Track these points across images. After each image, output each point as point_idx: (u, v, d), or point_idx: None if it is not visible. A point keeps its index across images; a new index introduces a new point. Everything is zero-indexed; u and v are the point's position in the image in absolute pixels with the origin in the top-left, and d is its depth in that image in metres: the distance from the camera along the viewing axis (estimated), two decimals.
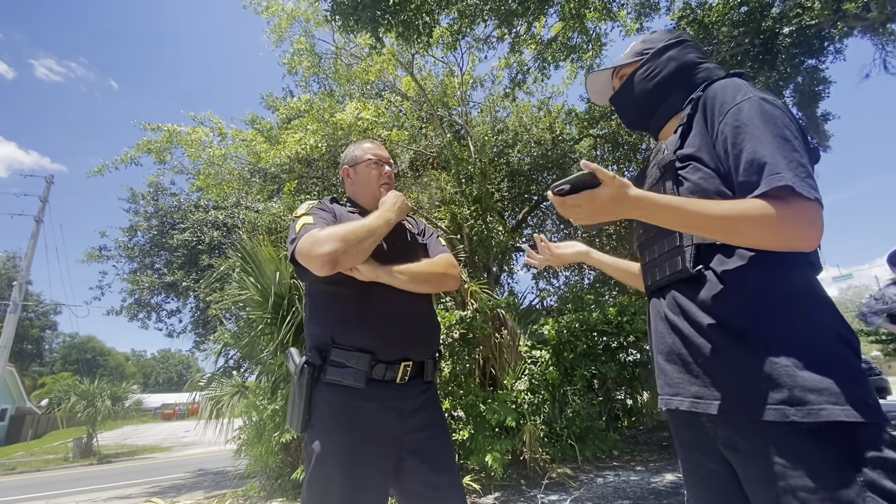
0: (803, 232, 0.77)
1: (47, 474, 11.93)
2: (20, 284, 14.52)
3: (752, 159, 0.81)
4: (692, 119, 0.95)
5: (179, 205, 13.08)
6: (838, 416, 0.70)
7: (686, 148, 0.93)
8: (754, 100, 0.86)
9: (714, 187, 0.87)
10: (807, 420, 0.71)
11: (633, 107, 1.14)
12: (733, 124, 0.85)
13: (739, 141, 0.83)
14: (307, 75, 9.51)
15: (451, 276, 1.42)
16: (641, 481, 4.06)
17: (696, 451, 0.95)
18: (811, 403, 0.72)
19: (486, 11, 6.06)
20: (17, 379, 24.95)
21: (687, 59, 1.06)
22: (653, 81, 1.07)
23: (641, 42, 1.14)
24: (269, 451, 4.08)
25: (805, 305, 0.81)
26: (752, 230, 0.78)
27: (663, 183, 0.96)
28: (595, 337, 5.28)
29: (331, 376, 1.23)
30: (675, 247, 0.94)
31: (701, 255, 0.89)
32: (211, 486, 6.82)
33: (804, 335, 0.78)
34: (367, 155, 1.54)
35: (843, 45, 6.45)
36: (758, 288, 0.83)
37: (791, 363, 0.75)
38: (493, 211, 7.82)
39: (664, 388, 0.95)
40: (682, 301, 0.92)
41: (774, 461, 0.74)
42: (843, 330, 0.80)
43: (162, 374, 71.94)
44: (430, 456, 1.27)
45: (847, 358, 0.77)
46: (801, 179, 0.76)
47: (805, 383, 0.73)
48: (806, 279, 0.85)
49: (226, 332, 5.79)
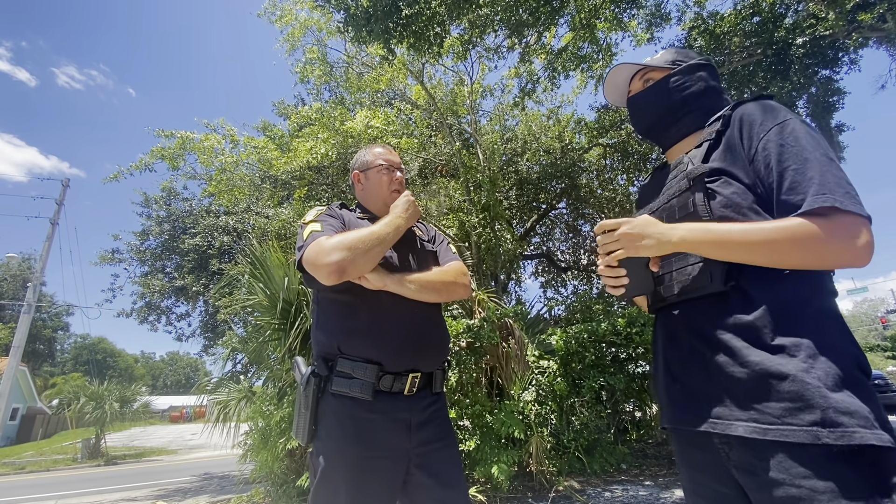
0: (851, 248, 0.76)
1: (56, 474, 12.03)
2: (34, 285, 14.78)
3: (797, 179, 0.81)
4: (720, 135, 0.94)
5: (191, 210, 13.26)
6: (870, 440, 0.69)
7: (714, 162, 0.92)
8: (796, 121, 0.86)
9: (747, 203, 0.87)
10: (839, 442, 0.70)
11: (653, 113, 1.12)
12: (778, 142, 0.85)
13: (784, 159, 0.83)
14: (319, 84, 9.63)
15: (461, 286, 1.39)
16: (650, 497, 3.98)
17: (701, 472, 0.92)
18: (844, 426, 0.70)
19: (496, 22, 6.11)
20: (28, 379, 25.31)
21: (714, 83, 1.08)
22: (682, 94, 1.07)
23: (675, 52, 1.14)
24: (274, 458, 4.07)
25: (831, 327, 0.81)
26: (797, 251, 0.78)
27: (693, 194, 0.94)
28: (603, 348, 5.21)
29: (337, 387, 1.21)
30: (699, 261, 0.91)
31: (731, 271, 0.87)
32: (216, 490, 6.81)
33: (832, 356, 0.76)
34: (378, 160, 1.51)
35: (857, 55, 6.39)
36: (788, 307, 0.82)
37: (823, 384, 0.74)
38: (502, 219, 7.80)
39: (675, 407, 0.93)
40: (704, 318, 0.90)
41: (801, 484, 0.72)
42: (859, 355, 0.79)
43: (170, 376, 72.53)
44: (439, 470, 1.24)
45: (866, 383, 0.77)
46: (849, 197, 0.77)
47: (838, 405, 0.72)
48: (832, 301, 0.84)
49: (234, 337, 5.82)
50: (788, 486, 0.73)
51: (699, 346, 0.88)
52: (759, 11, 6.33)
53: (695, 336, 0.90)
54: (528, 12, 5.75)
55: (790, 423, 0.74)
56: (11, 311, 33.14)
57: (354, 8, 5.01)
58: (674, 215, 0.97)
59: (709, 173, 0.91)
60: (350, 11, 5.06)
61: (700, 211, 0.90)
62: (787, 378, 0.76)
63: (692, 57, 1.11)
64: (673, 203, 0.99)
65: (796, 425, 0.73)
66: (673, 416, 0.93)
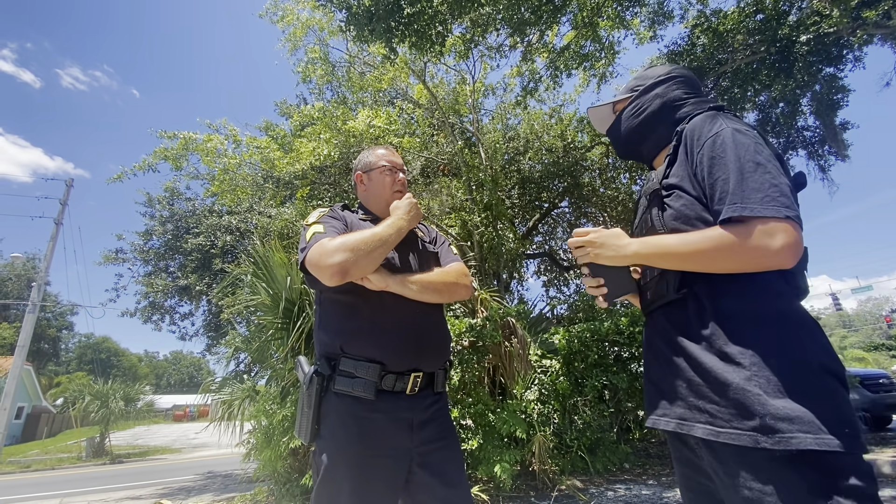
0: (767, 250, 0.78)
1: (61, 473, 12.11)
2: (39, 285, 14.87)
3: (722, 189, 0.85)
4: (677, 150, 1.00)
5: (194, 209, 13.30)
6: (809, 445, 0.70)
7: (671, 178, 0.98)
8: (727, 130, 0.90)
9: (695, 213, 0.92)
10: (777, 448, 0.72)
11: (623, 140, 1.22)
12: (709, 154, 0.90)
13: (713, 171, 0.88)
14: (321, 83, 9.63)
15: (462, 286, 1.40)
16: (653, 496, 3.98)
17: (688, 467, 0.97)
18: (781, 432, 0.72)
19: (498, 21, 6.10)
20: (33, 377, 25.46)
21: (672, 95, 1.12)
22: (639, 119, 1.15)
23: (635, 78, 1.22)
24: (277, 456, 4.09)
25: (784, 330, 0.81)
26: (719, 257, 0.83)
27: (650, 210, 1.02)
28: (606, 347, 5.21)
29: (340, 386, 1.22)
30: (661, 271, 0.98)
31: (686, 279, 0.92)
32: (220, 489, 6.85)
33: (781, 361, 0.78)
34: (380, 161, 1.52)
35: (862, 52, 6.34)
36: (735, 312, 0.85)
37: (763, 391, 0.76)
38: (504, 218, 7.79)
39: (651, 408, 0.98)
40: (668, 324, 0.95)
41: (750, 486, 0.75)
42: (825, 357, 0.79)
43: (174, 375, 72.82)
44: (441, 469, 1.25)
45: (827, 386, 0.77)
46: (767, 201, 0.79)
47: (777, 412, 0.74)
48: (787, 303, 0.85)
49: (237, 336, 5.84)
50: (741, 487, 0.77)
51: (666, 351, 0.94)
52: (763, 9, 6.29)
53: (663, 341, 0.96)
54: (530, 11, 5.74)
55: (737, 427, 0.77)
56: (16, 311, 33.37)
57: (356, 7, 5.01)
58: (642, 230, 1.07)
59: (665, 188, 0.98)
60: (352, 10, 5.05)
61: (656, 224, 0.98)
62: (731, 386, 0.79)
63: (655, 76, 1.16)
64: (644, 218, 1.07)
65: (741, 429, 0.76)
66: (652, 418, 0.98)
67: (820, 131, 7.12)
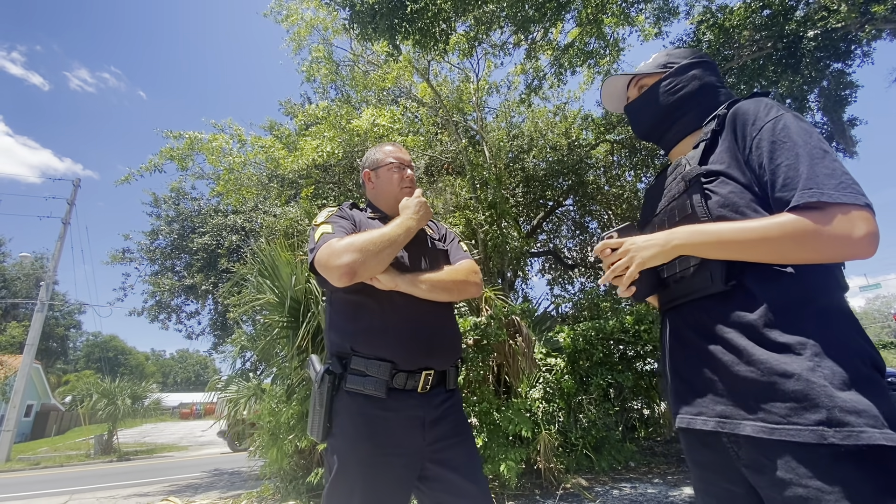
0: (847, 239, 0.75)
1: (69, 470, 12.24)
2: (47, 284, 15.02)
3: (787, 174, 0.80)
4: (717, 136, 0.95)
5: (200, 209, 13.39)
6: (878, 440, 0.68)
7: (713, 164, 0.93)
8: (788, 115, 0.86)
9: (745, 202, 0.87)
10: (846, 443, 0.69)
11: (650, 118, 1.14)
12: (770, 139, 0.85)
13: (776, 156, 0.83)
14: (325, 82, 9.66)
15: (472, 284, 1.39)
16: (659, 494, 3.97)
17: (711, 471, 0.92)
18: (850, 425, 0.69)
19: (502, 18, 6.08)
20: (42, 376, 25.76)
21: (709, 80, 1.07)
22: (675, 96, 1.07)
23: (666, 55, 1.14)
24: (283, 454, 4.12)
25: (839, 324, 0.79)
26: (792, 246, 0.77)
27: (689, 196, 0.95)
28: (611, 345, 5.19)
29: (351, 385, 1.22)
30: (701, 261, 0.91)
31: (732, 270, 0.87)
32: (226, 486, 6.89)
33: (840, 354, 0.75)
34: (388, 158, 1.50)
35: (870, 48, 6.27)
36: (790, 303, 0.80)
37: (829, 383, 0.73)
38: (508, 216, 7.78)
39: (684, 407, 0.93)
40: (709, 317, 0.89)
41: (808, 485, 0.71)
42: (872, 351, 0.78)
43: (180, 373, 73.41)
44: (458, 465, 1.25)
45: (879, 381, 0.75)
46: (842, 187, 0.76)
47: (844, 404, 0.71)
48: (840, 296, 0.83)
49: (243, 335, 5.88)
50: (796, 486, 0.72)
51: (705, 346, 0.88)
52: (770, 4, 6.22)
53: (700, 335, 0.90)
54: (534, 8, 5.71)
55: (796, 423, 0.73)
56: (25, 310, 33.67)
57: (360, 5, 5.01)
58: (674, 217, 0.99)
59: (705, 174, 0.92)
60: (355, 8, 5.06)
61: (698, 212, 0.91)
62: (793, 377, 0.75)
63: (685, 56, 1.11)
64: (673, 205, 1.00)
65: (802, 425, 0.72)
66: (684, 418, 0.92)
67: (828, 127, 7.04)
